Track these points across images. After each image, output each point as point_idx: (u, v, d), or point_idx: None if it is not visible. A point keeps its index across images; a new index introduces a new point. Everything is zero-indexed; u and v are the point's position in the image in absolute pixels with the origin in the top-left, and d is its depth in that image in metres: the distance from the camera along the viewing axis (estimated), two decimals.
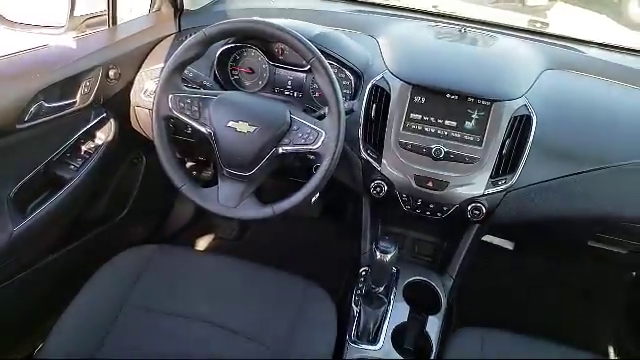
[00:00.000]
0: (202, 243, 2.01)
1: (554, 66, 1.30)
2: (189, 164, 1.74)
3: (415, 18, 1.53)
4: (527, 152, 1.11)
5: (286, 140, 1.03)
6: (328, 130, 1.01)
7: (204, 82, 1.23)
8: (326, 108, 1.05)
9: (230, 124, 1.03)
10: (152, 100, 1.09)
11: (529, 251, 1.92)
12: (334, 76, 1.01)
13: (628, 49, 1.49)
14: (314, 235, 2.03)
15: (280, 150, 1.04)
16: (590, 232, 1.26)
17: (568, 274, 1.87)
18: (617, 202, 1.13)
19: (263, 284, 1.17)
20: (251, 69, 1.30)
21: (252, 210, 1.07)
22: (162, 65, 1.31)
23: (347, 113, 1.09)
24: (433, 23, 1.49)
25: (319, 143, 1.01)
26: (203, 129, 1.07)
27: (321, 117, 1.07)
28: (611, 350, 1.71)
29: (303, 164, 1.21)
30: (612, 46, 1.50)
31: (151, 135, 1.11)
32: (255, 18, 1.07)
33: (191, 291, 1.14)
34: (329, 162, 1.01)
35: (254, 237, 2.03)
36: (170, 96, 1.07)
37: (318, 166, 1.03)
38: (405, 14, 1.55)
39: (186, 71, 1.15)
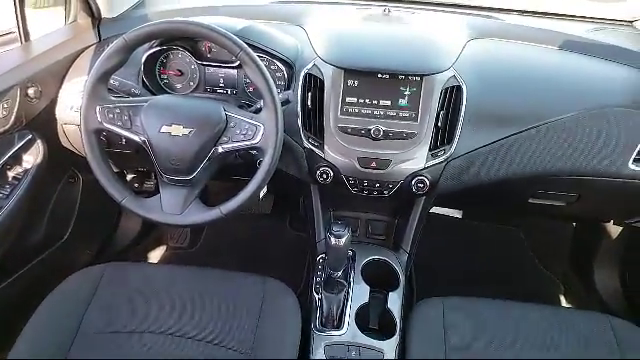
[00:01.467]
0: (155, 256, 1.96)
1: (477, 36, 1.35)
2: (129, 176, 1.68)
3: (339, 3, 1.54)
4: (461, 121, 1.15)
5: (224, 138, 1.02)
6: (266, 123, 1.00)
7: (132, 90, 1.19)
8: (261, 101, 1.04)
9: (164, 129, 1.01)
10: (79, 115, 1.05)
11: (476, 216, 1.99)
12: (265, 68, 1.00)
13: (545, 13, 1.57)
14: (268, 231, 2.02)
15: (220, 149, 1.02)
16: (529, 190, 1.32)
17: (514, 232, 1.96)
18: (550, 158, 1.18)
19: (222, 288, 1.16)
20: (180, 71, 1.27)
21: (199, 214, 1.05)
22: (86, 77, 1.26)
23: (283, 104, 1.09)
24: (357, 6, 1.51)
25: (259, 137, 1.00)
26: (137, 138, 1.03)
27: (258, 111, 1.06)
28: (562, 297, 1.82)
29: (246, 161, 1.19)
30: (530, 12, 1.57)
31: (84, 151, 1.06)
32: (176, 18, 1.04)
33: (149, 306, 1.10)
34: (271, 155, 1.00)
35: (209, 242, 2.00)
36: (98, 108, 1.03)
37: (261, 161, 1.02)
38: (329, 0, 1.56)
39: (112, 80, 1.11)
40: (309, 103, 1.17)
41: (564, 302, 1.81)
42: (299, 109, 1.18)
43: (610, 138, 1.17)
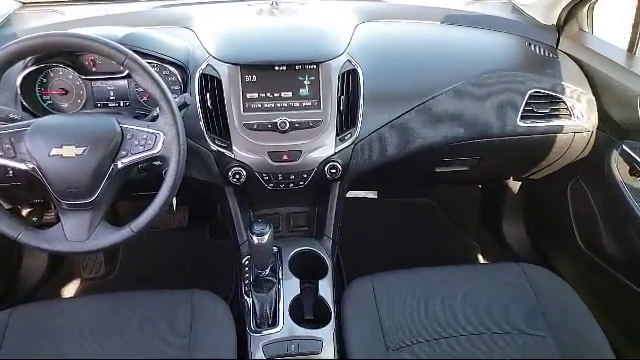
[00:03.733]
0: (69, 292, 1.82)
1: (365, 19, 1.39)
2: (25, 211, 1.54)
3: (224, 2, 1.51)
4: (362, 103, 1.18)
5: (123, 152, 0.96)
6: (166, 130, 0.96)
7: (11, 115, 1.08)
8: (157, 108, 0.99)
9: (54, 152, 0.93)
10: None
11: (390, 194, 2.06)
12: (154, 72, 0.96)
13: None
14: (188, 244, 1.95)
15: (119, 165, 0.96)
16: (434, 160, 1.39)
17: (428, 203, 2.06)
18: (447, 127, 1.25)
19: (147, 309, 1.10)
20: (64, 89, 1.17)
21: (108, 237, 0.98)
22: None
23: (181, 108, 1.05)
24: (244, 3, 1.49)
25: (160, 145, 0.95)
26: (24, 166, 0.94)
27: (155, 119, 1.01)
28: (479, 256, 1.94)
29: (151, 173, 1.13)
30: None
31: None
32: (50, 32, 0.96)
33: (68, 344, 1.02)
34: (176, 162, 0.96)
35: (126, 266, 1.89)
36: None
37: (167, 170, 0.98)
38: (214, 0, 1.53)
39: None
40: (209, 104, 1.14)
41: (481, 259, 1.93)
42: (199, 111, 1.14)
43: (498, 100, 1.26)
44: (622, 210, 1.22)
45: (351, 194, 1.89)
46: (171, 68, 1.17)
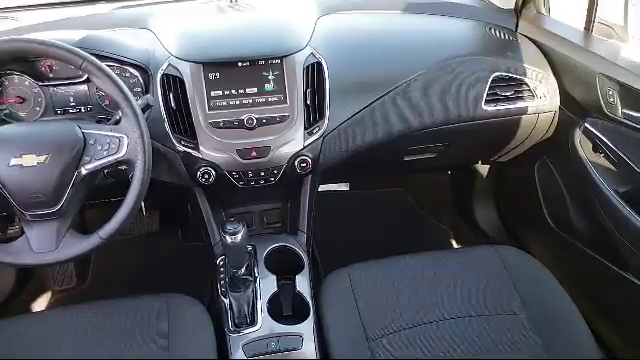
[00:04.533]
0: (39, 306, 1.77)
1: (326, 11, 1.38)
2: None
3: (180, 1, 1.48)
4: (328, 96, 1.18)
5: (86, 158, 0.93)
6: (129, 132, 0.94)
7: None
8: (120, 111, 0.97)
9: (13, 162, 0.89)
10: None
11: (361, 186, 2.07)
12: (114, 74, 0.93)
13: None
14: (161, 249, 1.92)
15: (83, 171, 0.93)
16: (402, 148, 1.40)
17: (399, 193, 2.07)
18: (414, 114, 1.26)
19: (123, 316, 1.07)
20: (21, 97, 1.13)
21: (77, 245, 0.95)
22: None
23: (144, 109, 1.02)
24: (202, 1, 1.47)
25: (124, 149, 0.93)
26: None
27: (118, 122, 0.98)
28: (453, 242, 1.97)
29: (118, 178, 1.11)
30: None
31: None
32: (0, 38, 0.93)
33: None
34: (142, 164, 0.94)
35: (98, 275, 1.84)
36: None
37: (133, 174, 0.96)
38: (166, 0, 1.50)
39: None
40: (173, 104, 1.12)
41: (455, 244, 1.96)
42: (164, 112, 1.12)
43: (461, 86, 1.27)
44: (587, 187, 1.26)
45: (323, 187, 1.90)
46: (131, 70, 1.14)
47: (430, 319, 1.08)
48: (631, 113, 1.13)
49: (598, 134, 1.22)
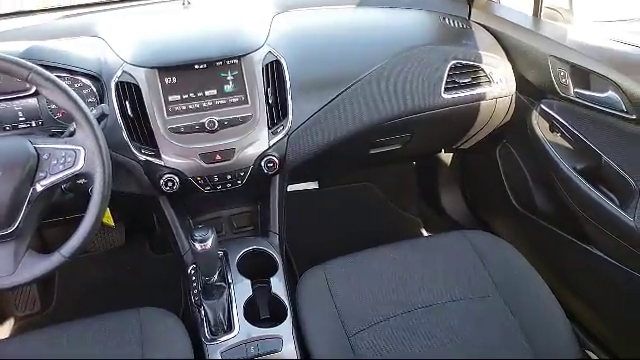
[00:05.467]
0: (2, 332, 1.68)
1: (282, 9, 1.37)
2: None
3: (132, 6, 1.44)
4: (290, 93, 1.16)
5: (41, 174, 0.89)
6: (86, 144, 0.90)
7: None
8: (74, 123, 0.93)
9: None
10: None
11: (330, 183, 2.07)
12: (64, 85, 0.89)
13: None
14: (130, 263, 1.86)
15: (39, 187, 0.89)
16: (368, 142, 1.40)
17: (368, 187, 2.08)
18: (377, 106, 1.27)
19: (92, 336, 1.03)
20: None
21: (37, 266, 0.90)
22: None
23: (100, 119, 0.99)
24: (153, 5, 1.43)
25: (81, 162, 0.89)
26: None
27: (72, 134, 0.94)
28: (423, 231, 1.99)
29: (77, 193, 1.06)
30: None
31: None
32: None
33: None
34: (102, 176, 0.90)
35: (64, 297, 1.77)
36: None
37: (93, 187, 0.92)
38: (120, 6, 1.45)
39: None
40: (130, 112, 1.09)
41: (425, 233, 1.98)
42: (120, 121, 1.08)
43: (420, 75, 1.29)
44: (547, 166, 1.29)
45: (292, 187, 1.88)
46: (84, 80, 1.10)
47: (407, 308, 1.08)
48: (583, 92, 1.17)
49: (554, 114, 1.25)
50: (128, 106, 1.08)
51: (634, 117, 1.05)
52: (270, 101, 1.15)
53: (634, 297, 1.14)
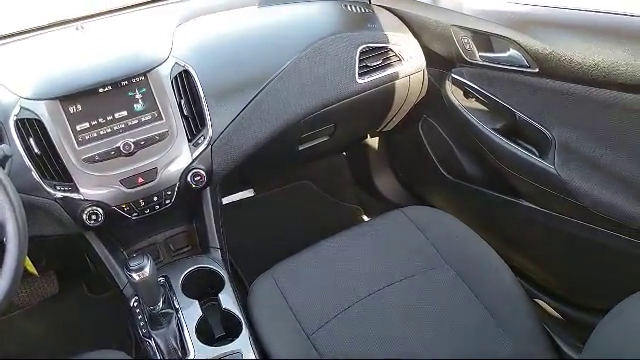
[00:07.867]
0: None
1: (182, 20, 1.32)
2: None
3: (16, 40, 1.34)
4: (205, 102, 1.13)
5: None
6: None
7: None
8: None
9: None
10: None
11: (266, 187, 2.04)
12: None
13: None
14: (69, 310, 1.74)
15: None
16: (294, 138, 1.39)
17: (304, 185, 2.07)
18: (295, 103, 1.26)
19: None
20: None
21: None
22: None
23: (2, 163, 0.91)
24: (43, 35, 1.34)
25: None
26: None
27: None
28: (365, 217, 2.01)
29: None
30: None
31: None
32: None
33: None
34: (15, 224, 0.82)
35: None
36: None
37: (6, 238, 0.84)
38: (1, 42, 1.35)
39: None
40: (36, 150, 1.00)
41: (367, 219, 2.00)
42: (27, 160, 1.00)
43: (333, 64, 1.29)
44: (468, 131, 1.34)
45: (227, 200, 1.84)
46: None
47: (361, 295, 1.08)
48: (487, 55, 1.22)
49: (465, 81, 1.30)
50: (33, 143, 1.00)
51: (537, 70, 1.10)
52: (186, 113, 1.11)
53: (569, 241, 1.21)
